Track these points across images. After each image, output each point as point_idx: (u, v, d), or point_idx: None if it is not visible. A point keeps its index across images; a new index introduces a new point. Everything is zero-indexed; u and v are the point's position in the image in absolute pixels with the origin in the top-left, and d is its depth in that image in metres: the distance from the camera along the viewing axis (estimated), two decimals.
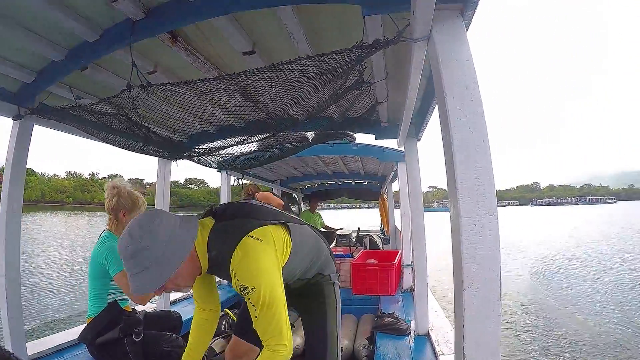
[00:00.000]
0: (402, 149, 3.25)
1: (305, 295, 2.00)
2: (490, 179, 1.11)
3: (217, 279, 2.05)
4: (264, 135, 3.19)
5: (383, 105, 2.71)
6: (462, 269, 1.10)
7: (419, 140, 3.13)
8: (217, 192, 5.34)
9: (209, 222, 1.56)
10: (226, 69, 2.23)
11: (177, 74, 2.35)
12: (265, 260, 1.44)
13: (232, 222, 1.54)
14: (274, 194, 7.24)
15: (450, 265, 1.22)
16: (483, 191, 1.11)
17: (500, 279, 1.11)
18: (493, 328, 1.12)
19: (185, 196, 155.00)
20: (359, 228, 7.57)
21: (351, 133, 3.99)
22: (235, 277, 1.41)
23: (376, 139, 3.24)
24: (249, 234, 1.46)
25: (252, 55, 2.03)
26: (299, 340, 3.46)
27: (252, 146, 3.45)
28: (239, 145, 3.27)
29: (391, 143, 3.41)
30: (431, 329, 3.13)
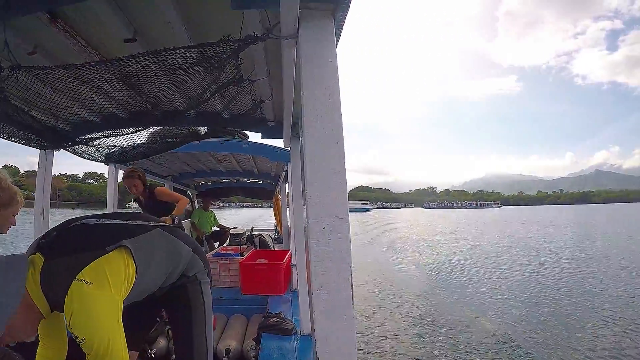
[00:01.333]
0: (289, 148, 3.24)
1: (171, 300, 1.90)
2: (342, 182, 1.10)
3: None
4: (152, 128, 3.05)
5: (268, 104, 2.67)
6: (311, 272, 1.08)
7: None
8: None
9: (39, 260, 1.36)
10: (108, 56, 2.07)
11: (58, 56, 2.12)
12: (98, 309, 1.29)
13: (60, 260, 1.35)
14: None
15: None
16: (333, 194, 1.09)
17: (352, 283, 1.10)
18: (346, 331, 1.11)
19: (86, 191, 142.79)
20: (252, 227, 7.51)
21: (242, 130, 3.89)
22: (68, 325, 1.27)
23: (262, 137, 3.20)
24: (78, 277, 1.30)
25: (133, 43, 1.90)
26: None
27: (139, 138, 3.23)
28: (124, 136, 3.07)
29: (280, 142, 3.39)
30: None
